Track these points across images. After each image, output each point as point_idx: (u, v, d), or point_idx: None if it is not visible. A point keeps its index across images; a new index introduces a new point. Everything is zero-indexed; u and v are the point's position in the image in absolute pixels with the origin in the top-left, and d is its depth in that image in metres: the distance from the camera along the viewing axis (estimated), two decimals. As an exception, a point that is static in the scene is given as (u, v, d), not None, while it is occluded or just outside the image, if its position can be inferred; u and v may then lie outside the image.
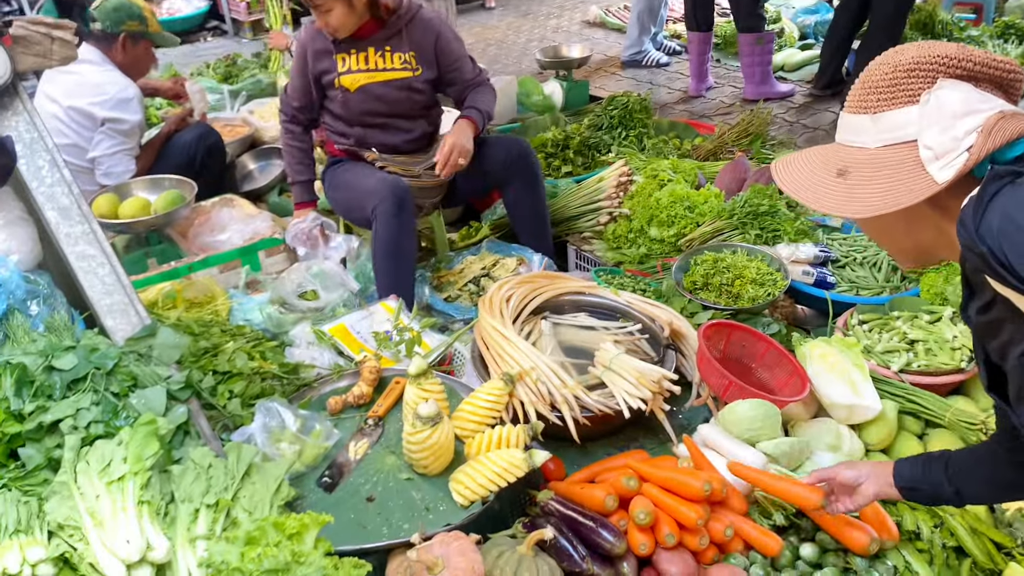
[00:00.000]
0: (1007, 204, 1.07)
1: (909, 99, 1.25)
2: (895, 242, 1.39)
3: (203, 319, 2.74)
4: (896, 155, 1.25)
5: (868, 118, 1.29)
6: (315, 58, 3.28)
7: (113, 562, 1.58)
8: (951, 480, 1.67)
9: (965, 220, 1.11)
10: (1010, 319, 1.16)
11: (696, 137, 4.73)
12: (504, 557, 1.87)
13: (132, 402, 2.00)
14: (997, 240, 1.06)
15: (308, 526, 1.66)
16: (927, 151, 1.21)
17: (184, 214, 3.64)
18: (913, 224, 1.31)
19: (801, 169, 1.37)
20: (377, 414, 2.33)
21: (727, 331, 2.63)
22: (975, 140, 1.18)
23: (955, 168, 1.18)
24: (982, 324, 1.28)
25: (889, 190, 1.23)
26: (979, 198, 1.10)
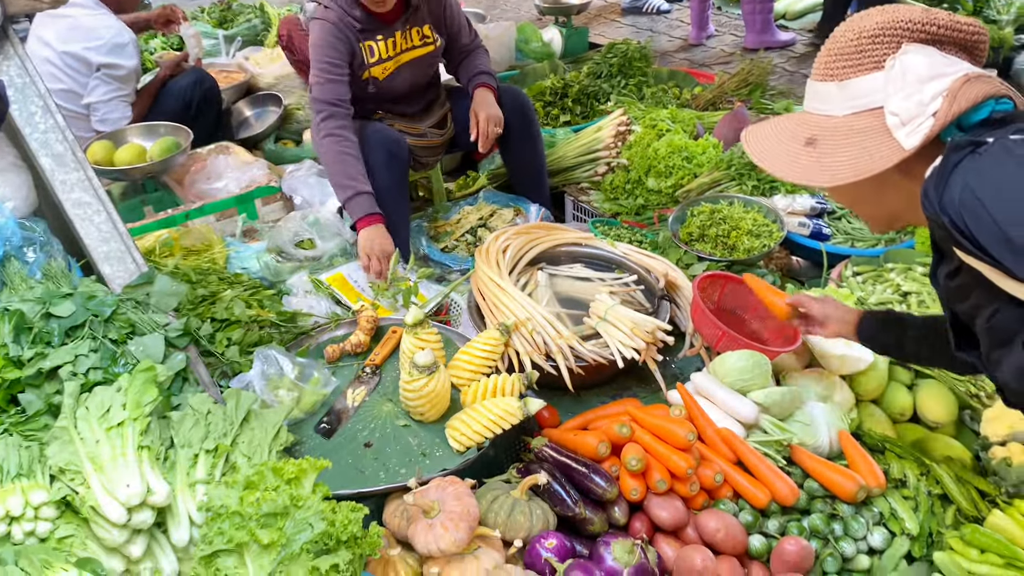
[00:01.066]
0: (967, 175, 1.07)
1: (875, 65, 1.25)
2: (865, 208, 1.40)
3: (200, 267, 2.75)
4: (863, 122, 1.26)
5: (835, 85, 1.29)
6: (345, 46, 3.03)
7: (114, 505, 1.61)
8: (901, 347, 1.87)
9: (928, 192, 1.12)
10: (976, 285, 1.17)
11: (696, 86, 4.68)
12: (499, 501, 1.91)
13: (130, 349, 2.02)
14: (959, 211, 1.07)
15: (306, 471, 1.69)
16: (893, 117, 1.21)
17: (180, 161, 3.62)
18: (882, 190, 1.31)
19: (770, 138, 1.37)
20: (374, 362, 2.36)
21: (721, 282, 2.64)
22: (940, 105, 1.18)
23: (921, 134, 1.19)
24: (951, 288, 1.29)
25: (857, 158, 1.24)
26: (941, 169, 1.11)
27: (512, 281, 2.64)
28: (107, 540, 1.64)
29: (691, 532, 1.99)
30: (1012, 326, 1.12)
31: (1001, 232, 1.02)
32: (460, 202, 3.65)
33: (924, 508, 2.03)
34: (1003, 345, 1.15)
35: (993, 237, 1.03)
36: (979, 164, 1.07)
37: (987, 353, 1.23)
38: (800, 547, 1.90)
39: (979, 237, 1.05)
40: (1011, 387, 1.17)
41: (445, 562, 1.77)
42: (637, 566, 1.80)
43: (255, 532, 1.55)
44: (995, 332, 1.16)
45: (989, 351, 1.21)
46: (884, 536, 1.99)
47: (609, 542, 1.84)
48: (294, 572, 1.56)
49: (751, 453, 2.11)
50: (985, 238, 1.04)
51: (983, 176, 1.06)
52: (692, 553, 1.85)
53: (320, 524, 1.60)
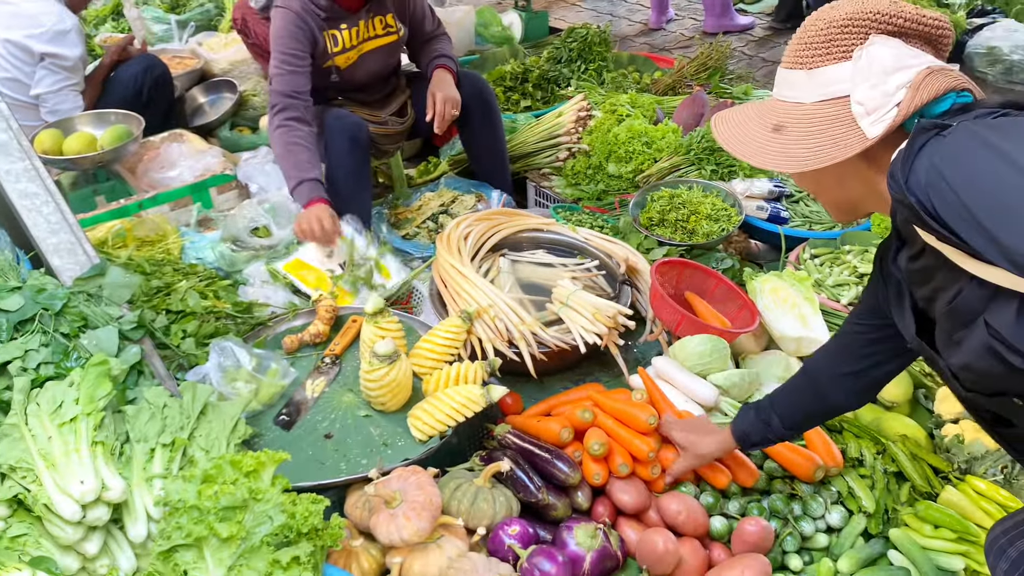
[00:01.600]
0: (933, 157, 1.09)
1: (843, 55, 1.28)
2: (828, 195, 1.43)
3: (154, 258, 2.69)
4: (830, 110, 1.29)
5: (804, 73, 1.31)
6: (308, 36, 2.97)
7: (67, 502, 1.57)
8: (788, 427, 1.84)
9: (895, 173, 1.14)
10: (938, 267, 1.19)
11: (655, 71, 4.69)
12: (461, 489, 1.91)
13: (83, 343, 1.97)
14: (925, 192, 1.08)
15: (265, 463, 1.67)
16: (859, 107, 1.25)
17: (132, 150, 3.53)
18: (845, 178, 1.34)
19: (738, 124, 1.39)
20: (334, 352, 2.33)
21: (679, 268, 2.66)
22: (904, 96, 1.21)
23: (885, 123, 1.22)
24: (912, 272, 1.32)
25: (822, 145, 1.27)
26: (907, 151, 1.13)
27: (474, 268, 2.63)
28: (61, 538, 1.61)
29: (653, 515, 2.01)
30: (975, 306, 1.14)
31: (967, 212, 1.04)
32: (421, 188, 3.62)
33: (880, 486, 2.07)
34: (965, 326, 1.17)
35: (958, 217, 1.05)
36: (944, 146, 1.09)
37: (948, 335, 1.25)
38: (760, 527, 1.93)
39: (944, 217, 1.06)
40: (973, 368, 1.19)
41: (408, 552, 1.76)
42: (600, 550, 1.82)
43: (214, 526, 1.53)
44: (957, 313, 1.18)
45: (951, 332, 1.23)
46: (842, 514, 2.02)
47: (572, 527, 1.85)
48: (254, 565, 1.54)
49: None
50: (950, 218, 1.06)
51: (948, 157, 1.08)
52: (654, 536, 1.86)
53: (280, 517, 1.58)
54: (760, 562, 1.88)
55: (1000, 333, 1.10)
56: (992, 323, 1.11)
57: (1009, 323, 1.08)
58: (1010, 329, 1.08)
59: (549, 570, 1.71)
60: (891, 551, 1.98)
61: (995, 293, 1.10)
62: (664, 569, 1.85)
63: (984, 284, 1.09)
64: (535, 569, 1.71)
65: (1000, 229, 1.01)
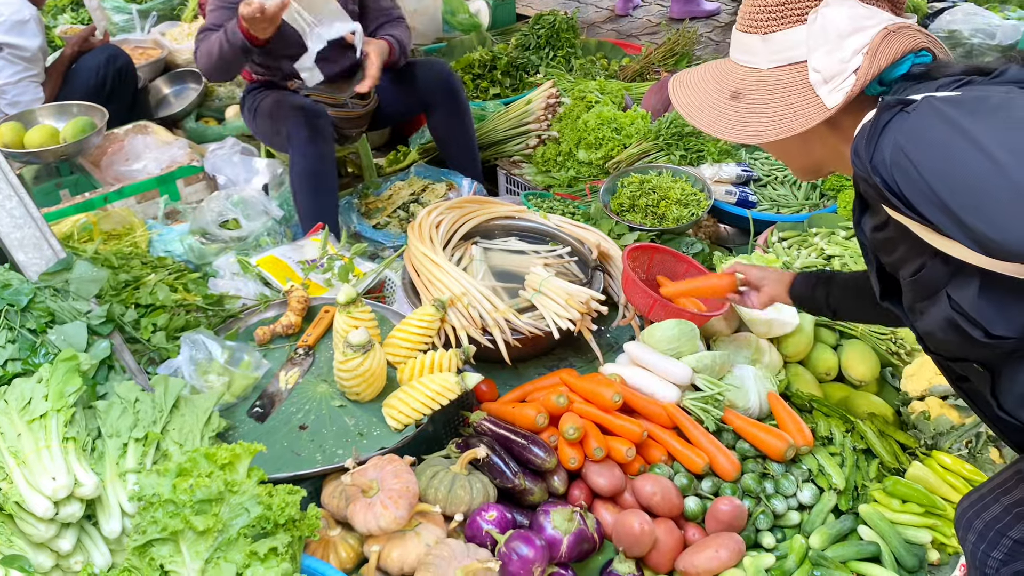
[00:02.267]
0: (897, 135, 1.08)
1: (797, 19, 1.25)
2: (792, 159, 1.43)
3: (122, 251, 2.65)
4: (787, 77, 1.27)
5: (759, 38, 1.29)
6: None
7: (39, 499, 1.56)
8: (829, 304, 1.92)
9: (859, 151, 1.13)
10: (903, 240, 1.20)
11: (623, 57, 4.70)
12: (438, 477, 1.92)
13: (51, 338, 1.94)
14: (890, 171, 1.08)
15: (240, 456, 1.66)
16: (816, 74, 1.23)
17: (96, 142, 3.48)
18: (808, 143, 1.33)
19: (696, 90, 1.37)
20: (307, 343, 2.32)
21: (650, 253, 2.68)
22: (861, 63, 1.19)
23: (844, 91, 1.20)
24: (877, 240, 1.32)
25: (782, 115, 1.25)
26: (871, 129, 1.12)
27: (446, 256, 2.63)
28: (34, 535, 1.59)
29: (629, 497, 2.03)
30: (938, 280, 1.15)
31: (930, 190, 1.04)
32: (391, 177, 3.61)
33: (850, 463, 2.12)
34: (928, 298, 1.19)
35: (923, 195, 1.05)
36: (908, 124, 1.08)
37: (911, 304, 1.27)
38: (733, 507, 1.96)
39: (909, 196, 1.07)
40: (936, 337, 1.21)
41: (386, 540, 1.77)
42: (576, 533, 1.84)
43: (189, 519, 1.52)
44: (921, 285, 1.20)
45: (913, 302, 1.25)
46: (813, 492, 2.06)
47: (549, 511, 1.87)
48: (232, 557, 1.54)
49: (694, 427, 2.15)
50: (915, 196, 1.06)
51: (912, 136, 1.07)
52: (630, 517, 1.88)
53: (256, 508, 1.58)
54: (734, 540, 1.91)
55: (962, 307, 1.11)
56: (955, 297, 1.13)
57: (971, 298, 1.10)
58: (972, 304, 1.10)
59: (527, 554, 1.72)
60: (861, 526, 2.02)
61: (958, 268, 1.11)
62: (640, 550, 1.88)
63: (948, 259, 1.10)
64: (513, 553, 1.73)
65: (964, 210, 1.01)
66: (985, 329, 1.10)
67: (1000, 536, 1.48)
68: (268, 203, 3.07)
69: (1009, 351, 1.13)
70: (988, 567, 1.51)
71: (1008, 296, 1.08)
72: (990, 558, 1.50)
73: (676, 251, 2.73)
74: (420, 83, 3.34)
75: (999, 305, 1.09)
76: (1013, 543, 1.47)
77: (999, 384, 1.21)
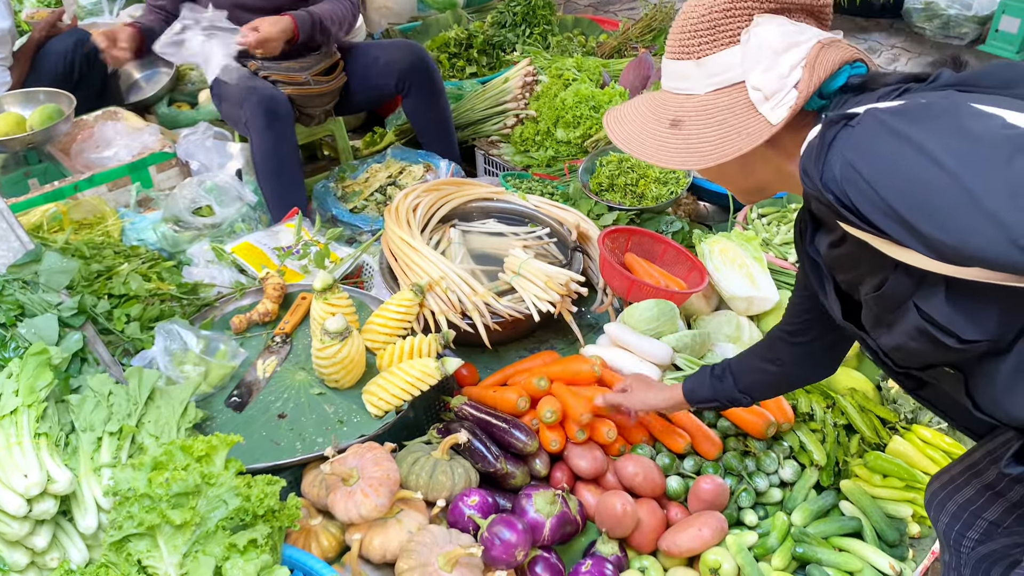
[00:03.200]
0: (845, 150, 1.07)
1: (730, 40, 1.23)
2: (733, 183, 1.39)
3: (94, 241, 2.61)
4: (726, 99, 1.24)
5: (692, 64, 1.26)
6: None
7: (11, 497, 1.53)
8: (741, 389, 1.81)
9: (808, 170, 1.11)
10: (862, 255, 1.18)
11: (601, 34, 4.66)
12: (419, 463, 1.90)
13: (20, 332, 1.91)
14: (841, 187, 1.07)
15: (217, 447, 1.64)
16: (756, 92, 1.21)
17: (64, 130, 3.40)
18: (750, 165, 1.30)
19: (633, 122, 1.33)
20: (284, 331, 2.29)
21: (627, 235, 2.67)
22: (801, 76, 1.18)
23: (787, 106, 1.18)
24: (834, 258, 1.31)
25: (725, 137, 1.22)
26: (819, 147, 1.10)
27: (424, 240, 2.60)
28: (8, 533, 1.56)
29: (611, 478, 2.03)
30: (903, 292, 1.15)
31: (883, 201, 1.03)
32: (368, 160, 3.56)
33: (831, 439, 2.12)
34: (895, 310, 1.18)
35: (876, 207, 1.04)
36: (854, 138, 1.07)
37: (874, 320, 1.26)
38: (715, 485, 1.96)
39: (862, 209, 1.05)
40: (906, 348, 1.20)
41: (367, 528, 1.76)
42: (559, 515, 1.83)
43: (166, 513, 1.51)
44: (885, 299, 1.19)
45: (879, 316, 1.24)
46: (794, 469, 2.07)
47: (531, 494, 1.86)
48: (210, 550, 1.52)
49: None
50: (869, 210, 1.05)
51: (860, 149, 1.06)
52: (612, 499, 1.88)
53: (235, 500, 1.56)
54: (716, 519, 1.91)
55: (931, 316, 1.11)
56: (922, 307, 1.12)
57: (940, 305, 1.10)
58: (941, 311, 1.10)
59: (509, 538, 1.71)
60: (843, 502, 2.03)
61: (921, 278, 1.11)
62: (623, 531, 1.88)
63: (910, 270, 1.09)
64: (495, 538, 1.72)
65: (918, 219, 1.00)
66: (957, 335, 1.10)
67: (975, 517, 1.50)
68: (242, 188, 3.02)
69: (981, 353, 1.12)
70: (963, 547, 1.52)
71: (975, 300, 1.08)
72: (965, 538, 1.51)
73: (652, 232, 2.71)
74: (394, 65, 3.29)
75: (968, 310, 1.08)
76: (988, 524, 1.48)
77: (973, 385, 1.22)
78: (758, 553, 1.91)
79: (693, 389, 1.90)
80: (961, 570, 1.55)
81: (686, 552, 1.87)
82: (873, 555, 1.88)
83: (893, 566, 1.85)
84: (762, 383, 1.80)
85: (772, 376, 1.77)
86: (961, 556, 1.54)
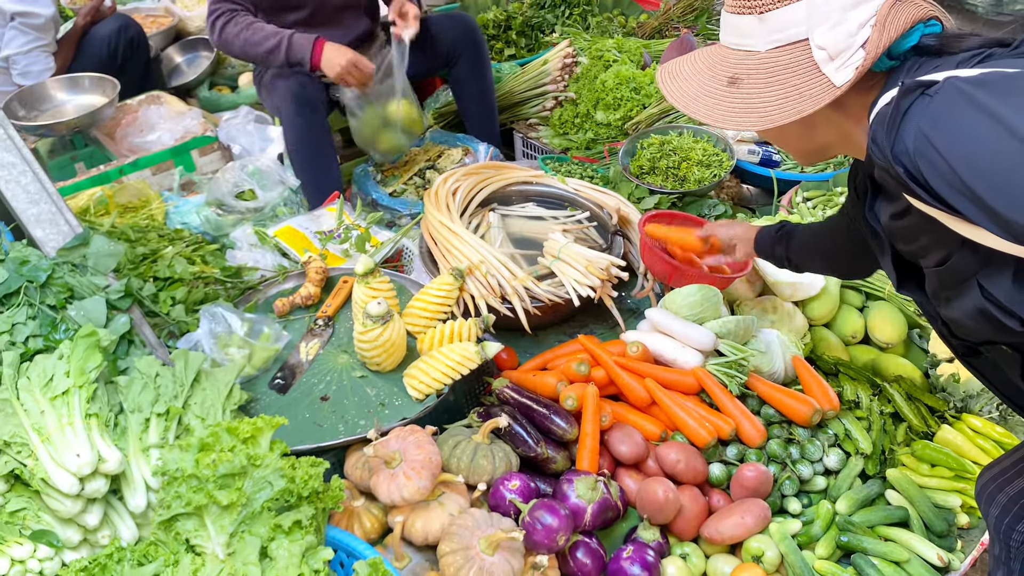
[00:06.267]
0: (921, 121, 1.01)
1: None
2: (794, 143, 1.34)
3: (138, 224, 2.65)
4: (788, 57, 1.18)
5: (754, 19, 1.20)
6: None
7: (64, 476, 1.56)
8: (790, 259, 1.98)
9: (878, 139, 1.06)
10: (926, 229, 1.13)
11: (641, 14, 4.60)
12: (460, 446, 1.91)
13: (71, 314, 1.94)
14: (914, 161, 1.02)
15: (262, 429, 1.66)
16: (820, 52, 1.15)
17: (109, 114, 3.46)
18: (811, 127, 1.26)
19: (689, 80, 1.28)
20: (326, 314, 2.31)
21: (667, 219, 2.64)
22: (870, 35, 1.12)
23: (853, 67, 1.13)
24: (896, 229, 1.26)
25: (786, 97, 1.17)
26: (892, 116, 1.05)
27: (464, 224, 2.60)
28: (61, 511, 1.60)
29: (652, 464, 2.01)
30: (967, 269, 1.10)
31: (960, 183, 0.98)
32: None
33: (877, 427, 2.08)
34: (956, 286, 1.14)
35: (950, 185, 0.99)
36: (932, 109, 1.01)
37: (936, 291, 1.22)
38: (759, 473, 1.94)
39: (935, 185, 1.00)
40: (964, 324, 1.16)
41: (409, 510, 1.77)
42: (600, 501, 1.83)
43: (213, 494, 1.53)
44: (948, 274, 1.14)
45: (939, 290, 1.19)
46: (839, 457, 2.04)
47: (572, 479, 1.86)
48: (256, 531, 1.54)
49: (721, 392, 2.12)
50: (941, 186, 1.00)
51: (937, 122, 1.00)
52: (654, 485, 1.87)
53: (280, 481, 1.57)
54: (759, 506, 1.89)
55: (995, 297, 1.07)
56: (987, 287, 1.07)
57: (1006, 287, 1.05)
58: (1007, 294, 1.05)
59: (551, 523, 1.71)
60: (889, 491, 2.00)
61: (988, 257, 1.06)
62: (665, 517, 1.87)
63: (978, 248, 1.05)
64: (537, 522, 1.72)
65: (998, 200, 0.96)
66: (1021, 318, 1.05)
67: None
68: (283, 172, 3.04)
69: None
70: (1012, 539, 1.49)
71: None
72: (1015, 531, 1.48)
73: (695, 216, 2.68)
74: (445, 38, 3.27)
75: None
76: None
77: None
78: (802, 541, 1.89)
79: (760, 239, 2.03)
80: (1011, 564, 1.52)
81: (728, 539, 1.85)
82: (920, 545, 1.85)
83: (941, 557, 1.82)
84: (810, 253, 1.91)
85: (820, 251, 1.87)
86: (1011, 549, 1.51)
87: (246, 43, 2.86)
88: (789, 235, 1.97)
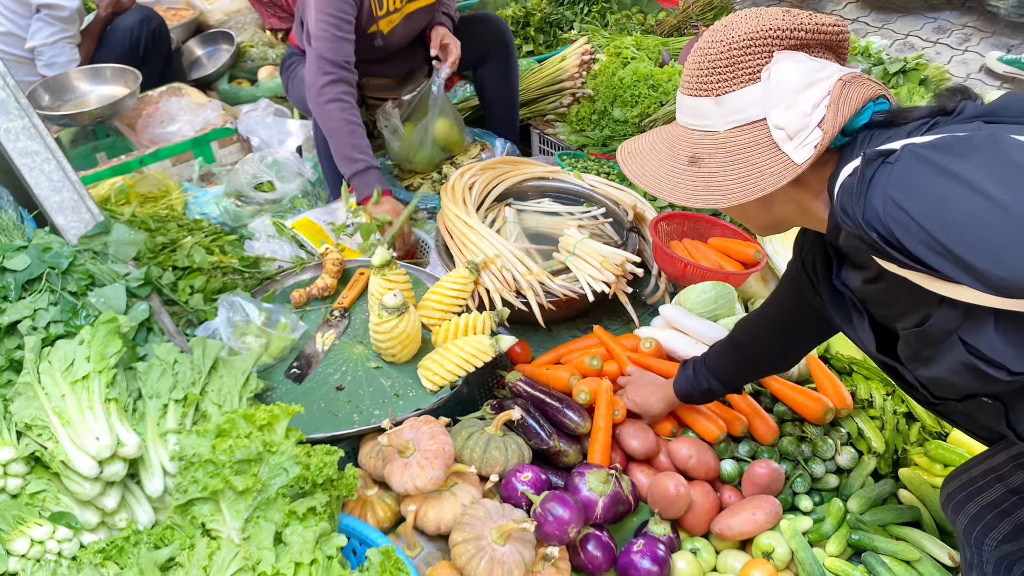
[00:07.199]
0: (887, 187, 1.05)
1: (750, 78, 1.19)
2: (751, 218, 1.37)
3: (158, 214, 2.68)
4: (747, 136, 1.20)
5: (711, 101, 1.22)
6: None
7: (84, 459, 1.59)
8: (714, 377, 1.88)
9: (848, 209, 1.09)
10: (901, 292, 1.16)
11: (660, 11, 4.59)
12: (473, 438, 1.92)
13: (91, 301, 1.97)
14: (885, 224, 1.04)
15: (278, 417, 1.68)
16: (779, 131, 1.17)
17: (130, 105, 3.49)
18: (770, 203, 1.28)
19: (648, 158, 1.30)
20: (343, 305, 2.33)
21: (680, 220, 2.64)
22: (826, 115, 1.15)
23: (811, 146, 1.15)
24: (869, 293, 1.28)
25: (748, 176, 1.19)
26: (858, 186, 1.08)
27: (480, 218, 2.61)
28: (80, 493, 1.63)
29: (664, 459, 2.02)
30: (948, 325, 1.12)
31: (931, 238, 1.01)
32: (424, 138, 3.57)
33: (890, 427, 2.08)
34: (937, 344, 1.15)
35: (923, 244, 1.02)
36: (896, 175, 1.05)
37: (915, 354, 1.23)
38: (771, 470, 1.94)
39: (909, 246, 1.03)
40: (948, 382, 1.17)
41: (422, 499, 1.78)
42: (612, 495, 1.83)
43: (229, 479, 1.55)
44: (928, 334, 1.16)
45: (919, 350, 1.21)
46: (852, 455, 2.04)
47: (584, 472, 1.87)
48: (271, 516, 1.56)
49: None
50: (917, 249, 1.03)
51: (902, 186, 1.04)
52: (665, 480, 1.88)
53: (295, 468, 1.59)
54: (771, 503, 1.90)
55: (979, 350, 1.08)
56: (970, 341, 1.09)
57: (989, 338, 1.07)
58: (990, 345, 1.07)
59: (562, 515, 1.72)
60: (900, 490, 1.99)
61: (968, 312, 1.08)
62: (676, 512, 1.87)
63: (956, 304, 1.07)
64: (548, 514, 1.73)
65: (969, 253, 0.98)
66: (1007, 368, 1.07)
67: (998, 520, 1.49)
68: (301, 165, 3.07)
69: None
70: (985, 545, 1.51)
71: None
72: (987, 537, 1.51)
73: (709, 216, 2.68)
74: (475, 38, 3.27)
75: (1017, 342, 1.06)
76: (1014, 527, 1.47)
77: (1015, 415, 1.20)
78: (813, 539, 1.89)
79: (688, 395, 1.96)
80: (983, 567, 1.54)
81: (739, 535, 1.86)
82: (931, 545, 1.85)
83: (952, 557, 1.82)
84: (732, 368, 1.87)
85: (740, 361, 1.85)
86: (983, 554, 1.53)
87: (336, 133, 2.70)
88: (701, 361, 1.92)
